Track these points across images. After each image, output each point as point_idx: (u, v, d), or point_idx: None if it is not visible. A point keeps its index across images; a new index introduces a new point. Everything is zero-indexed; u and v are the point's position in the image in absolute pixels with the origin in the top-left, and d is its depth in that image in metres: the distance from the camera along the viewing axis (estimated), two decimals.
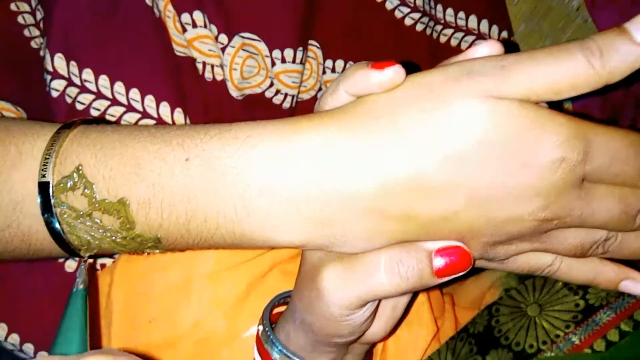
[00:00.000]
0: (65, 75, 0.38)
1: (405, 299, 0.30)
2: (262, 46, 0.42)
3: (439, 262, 0.26)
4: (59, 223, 0.28)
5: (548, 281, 0.43)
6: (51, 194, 0.27)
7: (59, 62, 0.38)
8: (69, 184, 0.27)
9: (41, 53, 0.40)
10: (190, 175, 0.27)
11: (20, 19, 0.42)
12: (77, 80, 0.38)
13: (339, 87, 0.28)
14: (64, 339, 0.26)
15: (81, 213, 0.27)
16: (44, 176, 0.27)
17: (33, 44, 0.43)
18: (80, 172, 0.27)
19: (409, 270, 0.26)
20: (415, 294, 0.29)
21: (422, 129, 0.24)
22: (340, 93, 0.28)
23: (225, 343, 0.34)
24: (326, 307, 0.27)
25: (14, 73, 0.41)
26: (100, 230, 0.28)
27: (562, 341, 0.39)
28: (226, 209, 0.27)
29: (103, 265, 0.38)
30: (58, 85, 0.38)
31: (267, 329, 0.31)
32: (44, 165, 0.28)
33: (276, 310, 0.33)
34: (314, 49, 0.46)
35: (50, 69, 0.38)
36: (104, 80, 0.39)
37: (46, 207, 0.27)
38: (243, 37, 0.41)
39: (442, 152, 0.24)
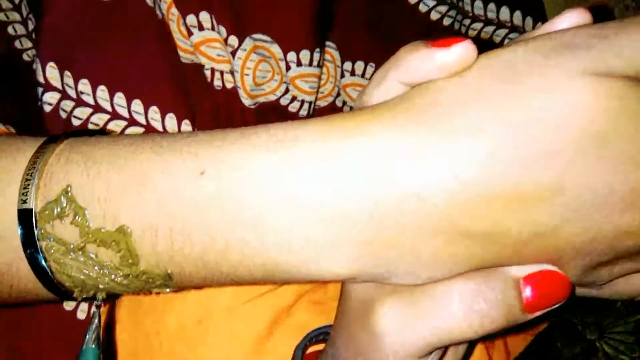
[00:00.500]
0: (59, 86, 0.34)
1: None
2: (275, 48, 0.38)
3: (530, 292, 0.21)
4: (45, 260, 0.22)
5: (606, 300, 0.38)
6: (34, 224, 0.22)
7: (52, 72, 0.34)
8: (55, 211, 0.22)
9: (34, 65, 0.36)
10: (206, 193, 0.21)
11: (10, 30, 0.38)
12: (72, 93, 0.34)
13: (389, 75, 0.22)
14: None
15: (72, 247, 0.22)
16: (24, 202, 0.22)
17: (25, 57, 0.39)
18: (69, 194, 0.22)
19: (493, 307, 0.20)
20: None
21: (508, 123, 0.19)
22: (390, 83, 0.22)
23: None
24: (384, 355, 0.22)
25: (3, 89, 0.37)
26: (96, 268, 0.22)
27: None
28: (253, 236, 0.21)
29: (104, 303, 0.34)
30: (51, 98, 0.34)
31: None
32: (24, 188, 0.22)
33: (310, 349, 0.29)
34: (331, 51, 0.42)
35: (41, 80, 0.34)
36: (102, 91, 0.35)
37: (29, 241, 0.22)
38: (255, 39, 0.37)
39: (537, 150, 0.19)
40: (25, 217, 0.22)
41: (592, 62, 0.19)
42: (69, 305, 0.34)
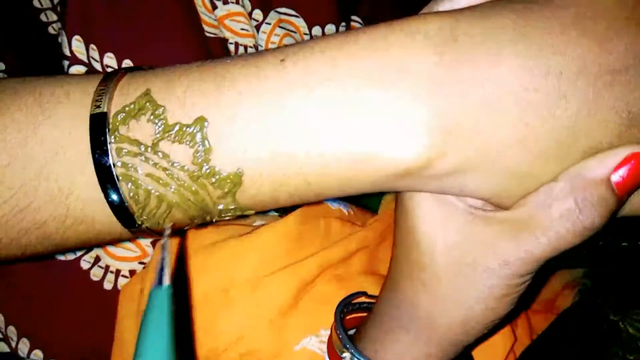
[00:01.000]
0: (85, 60, 0.34)
1: None
2: (300, 22, 0.38)
3: (617, 177, 0.21)
4: (114, 165, 0.21)
5: (630, 280, 0.38)
6: (107, 126, 0.21)
7: (78, 46, 0.34)
8: (133, 111, 0.21)
9: (59, 38, 0.37)
10: (287, 73, 0.21)
11: (36, 3, 0.39)
12: (98, 66, 0.34)
13: (434, 9, 0.23)
14: (146, 352, 0.18)
15: (145, 146, 0.21)
16: (98, 107, 0.21)
17: (50, 30, 0.39)
18: (149, 95, 0.22)
19: (595, 217, 0.21)
20: None
21: (572, 5, 0.21)
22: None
23: (274, 357, 0.30)
24: (501, 281, 0.23)
25: (29, 62, 0.38)
26: (167, 171, 0.21)
27: None
28: (335, 110, 0.21)
29: (133, 272, 0.34)
30: (77, 71, 0.34)
31: (347, 344, 0.26)
32: (98, 96, 0.22)
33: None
34: (357, 26, 0.41)
35: (67, 53, 0.34)
36: (127, 65, 0.35)
37: (97, 144, 0.21)
38: (279, 13, 0.37)
39: (589, 26, 0.21)
40: (98, 121, 0.21)
41: None
42: (95, 276, 0.35)
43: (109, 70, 0.35)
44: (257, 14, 0.37)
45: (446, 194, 0.23)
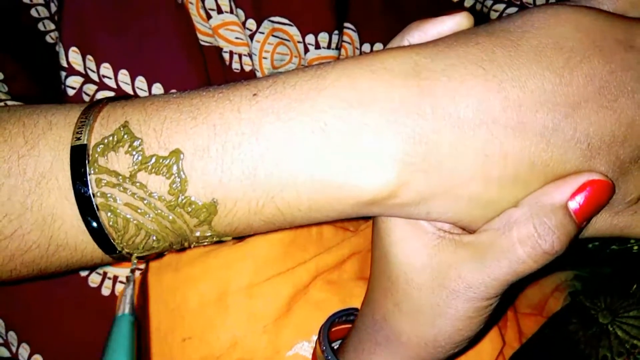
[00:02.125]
0: (82, 71, 0.35)
1: None
2: (293, 31, 0.38)
3: (575, 204, 0.22)
4: (94, 195, 0.22)
5: (620, 283, 0.38)
6: (87, 157, 0.22)
7: (74, 57, 0.35)
8: (111, 143, 0.22)
9: (57, 48, 0.37)
10: (260, 107, 0.22)
11: (33, 12, 0.39)
12: (94, 77, 0.35)
13: (404, 40, 0.24)
14: None
15: (123, 177, 0.22)
16: (78, 139, 0.22)
17: (48, 39, 0.40)
18: (127, 128, 0.22)
19: (555, 242, 0.22)
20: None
21: (533, 37, 0.22)
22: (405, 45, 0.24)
23: None
24: (467, 304, 0.23)
25: (28, 70, 0.38)
26: (144, 201, 0.22)
27: None
28: (305, 141, 0.22)
29: (139, 271, 0.35)
30: (74, 82, 0.35)
31: (329, 357, 0.27)
32: (79, 128, 0.23)
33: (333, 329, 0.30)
34: (350, 32, 0.42)
35: (64, 64, 0.35)
36: (124, 75, 0.35)
37: (78, 175, 0.22)
38: (273, 22, 0.38)
39: (547, 52, 0.22)
40: (77, 153, 0.22)
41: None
42: (93, 282, 0.35)
43: (106, 80, 0.35)
44: (251, 23, 0.37)
45: (414, 219, 0.24)
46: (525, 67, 0.21)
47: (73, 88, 0.35)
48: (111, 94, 0.35)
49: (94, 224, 0.23)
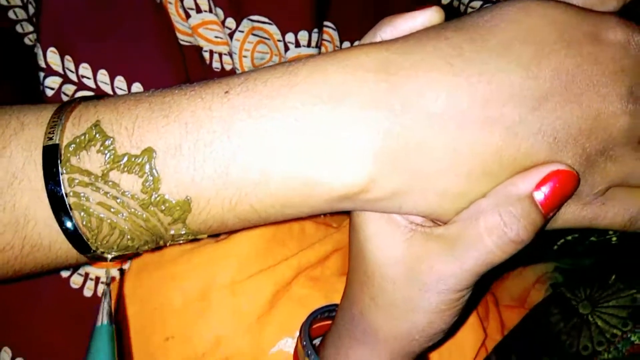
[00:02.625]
0: (60, 71, 0.35)
1: None
2: (273, 29, 0.38)
3: (541, 195, 0.22)
4: (66, 195, 0.22)
5: (599, 274, 0.39)
6: (59, 157, 0.22)
7: (53, 57, 0.34)
8: (83, 142, 0.22)
9: (35, 49, 0.37)
10: (231, 105, 0.22)
11: (11, 14, 0.39)
12: (73, 77, 0.35)
13: (377, 36, 0.25)
14: None
15: (95, 176, 0.22)
16: (50, 139, 0.22)
17: (27, 41, 0.39)
18: (98, 127, 0.22)
19: (520, 230, 0.22)
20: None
21: (487, 32, 0.22)
22: (377, 40, 0.24)
23: None
24: (438, 297, 0.23)
25: (6, 73, 0.38)
26: (117, 200, 0.22)
27: (620, 341, 0.35)
28: (277, 143, 0.22)
29: (112, 279, 0.35)
30: (53, 82, 0.35)
31: (309, 352, 0.27)
32: (51, 128, 0.22)
33: (315, 325, 0.30)
34: (330, 31, 0.42)
35: (43, 65, 0.34)
36: (103, 75, 0.35)
37: (50, 175, 0.22)
38: (252, 21, 0.38)
39: (515, 44, 0.22)
40: (50, 153, 0.22)
41: None
42: (75, 283, 0.35)
43: (85, 80, 0.35)
44: (230, 22, 0.37)
45: (387, 213, 0.24)
46: (493, 62, 0.21)
47: (52, 88, 0.35)
48: (90, 94, 0.35)
49: (68, 224, 0.22)
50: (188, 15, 0.37)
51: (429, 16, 0.24)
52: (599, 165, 0.23)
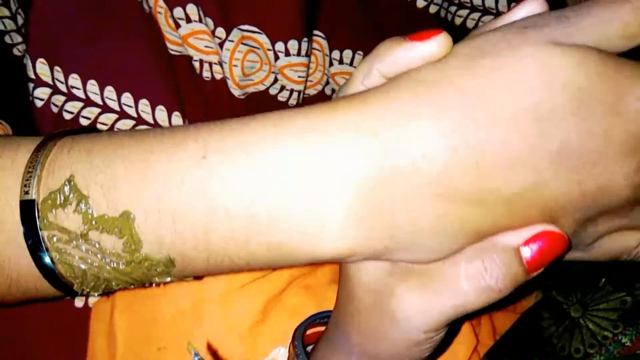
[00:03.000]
0: (50, 82, 0.35)
1: None
2: (263, 39, 0.39)
3: (528, 252, 0.22)
4: (47, 250, 0.22)
5: (590, 278, 0.39)
6: (37, 214, 0.22)
7: (42, 68, 0.34)
8: (58, 200, 0.22)
9: (24, 60, 0.37)
10: (209, 174, 0.22)
11: None
12: (63, 87, 0.35)
13: (373, 68, 0.23)
14: None
15: (74, 235, 0.22)
16: (27, 193, 0.22)
17: (15, 51, 0.39)
18: (72, 183, 0.22)
19: (499, 279, 0.21)
20: None
21: (490, 87, 0.20)
22: (374, 75, 0.23)
23: None
24: (408, 335, 0.23)
25: None
26: (99, 256, 0.22)
27: (611, 343, 0.36)
28: (256, 210, 0.21)
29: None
30: (42, 93, 0.35)
31: (300, 356, 0.27)
32: (26, 180, 0.22)
33: (309, 331, 0.30)
34: (319, 40, 0.42)
35: (32, 76, 0.34)
36: (92, 85, 0.35)
37: (30, 231, 0.22)
38: (242, 30, 0.38)
39: (520, 109, 0.20)
40: (27, 208, 0.22)
41: (560, 35, 0.21)
42: None
43: (74, 91, 0.35)
44: (220, 32, 0.37)
45: None
46: (490, 131, 0.20)
47: (41, 99, 0.35)
48: (80, 104, 0.35)
49: (52, 275, 0.23)
50: (178, 25, 0.37)
51: (432, 50, 0.22)
52: (587, 229, 0.23)
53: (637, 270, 0.37)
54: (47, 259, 0.22)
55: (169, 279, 0.24)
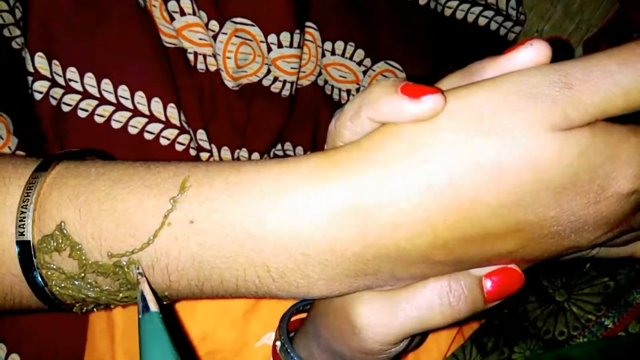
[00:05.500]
0: (48, 75, 0.36)
1: None
2: (256, 31, 0.39)
3: (489, 283, 0.23)
4: (47, 285, 0.23)
5: (575, 263, 0.40)
6: (33, 254, 0.23)
7: (40, 62, 0.35)
8: (52, 244, 0.23)
9: (23, 54, 0.38)
10: (198, 241, 0.22)
11: None
12: (61, 80, 0.36)
13: (361, 112, 0.23)
14: None
15: (72, 275, 0.23)
16: (22, 234, 0.23)
17: (14, 45, 0.40)
18: (64, 231, 0.23)
19: (462, 300, 0.23)
20: None
21: (477, 172, 0.20)
22: (362, 119, 0.23)
23: (236, 354, 0.32)
24: (364, 343, 0.24)
25: None
26: (97, 289, 0.23)
27: (594, 325, 0.37)
28: (246, 274, 0.23)
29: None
30: (41, 86, 0.35)
31: (286, 345, 0.28)
32: (20, 220, 0.23)
33: (294, 317, 0.31)
34: (312, 31, 0.43)
35: (31, 69, 0.35)
36: (89, 78, 0.36)
37: (29, 268, 0.23)
38: (235, 23, 0.39)
39: (504, 196, 0.20)
40: (24, 247, 0.23)
41: (559, 117, 0.20)
42: None
43: (72, 84, 0.36)
44: (214, 24, 0.38)
45: None
46: (467, 212, 0.21)
47: (40, 92, 0.36)
48: (78, 97, 0.36)
49: (53, 303, 0.24)
50: (172, 18, 0.38)
51: (425, 112, 0.21)
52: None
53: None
54: (48, 293, 0.24)
55: (165, 303, 0.25)
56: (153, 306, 0.21)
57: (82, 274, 0.23)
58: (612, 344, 0.36)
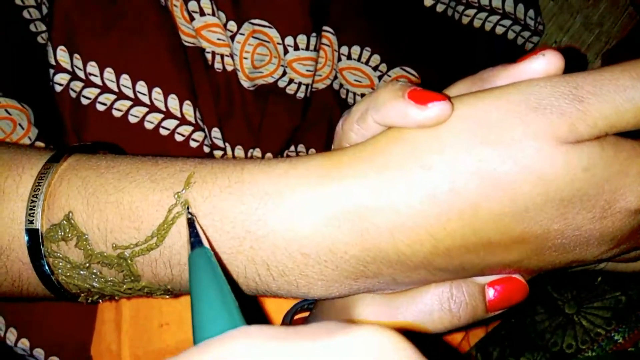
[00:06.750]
0: (69, 68, 0.37)
1: None
2: (273, 33, 0.40)
3: (491, 292, 0.23)
4: (53, 273, 0.24)
5: (586, 276, 0.40)
6: (41, 242, 0.23)
7: (62, 55, 0.36)
8: (59, 234, 0.23)
9: (47, 48, 0.39)
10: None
11: (25, 14, 0.41)
12: (81, 74, 0.37)
13: (368, 115, 0.23)
14: (207, 318, 0.17)
15: (77, 264, 0.23)
16: (31, 222, 0.23)
17: (39, 39, 0.41)
18: (72, 221, 0.23)
19: (462, 307, 0.23)
20: None
21: (481, 181, 0.20)
22: (369, 122, 0.23)
23: None
24: None
25: (20, 69, 0.40)
26: (102, 280, 0.24)
27: (603, 340, 0.36)
28: (247, 271, 0.23)
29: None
30: (61, 79, 0.37)
31: None
32: (30, 209, 0.24)
33: (297, 316, 0.31)
34: (329, 35, 0.44)
35: (53, 62, 0.36)
36: (109, 73, 0.37)
37: (36, 256, 0.23)
38: (253, 24, 0.39)
39: (507, 206, 0.20)
40: (32, 235, 0.24)
41: (567, 130, 0.20)
42: None
43: (92, 78, 0.37)
44: (232, 25, 0.39)
45: None
46: (469, 220, 0.21)
47: (60, 85, 0.37)
48: (97, 90, 0.37)
49: (57, 292, 0.25)
50: (192, 18, 0.39)
51: (431, 119, 0.21)
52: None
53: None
54: (54, 281, 0.24)
55: (168, 297, 0.26)
56: (205, 242, 0.20)
57: (87, 264, 0.24)
58: (622, 359, 0.35)
